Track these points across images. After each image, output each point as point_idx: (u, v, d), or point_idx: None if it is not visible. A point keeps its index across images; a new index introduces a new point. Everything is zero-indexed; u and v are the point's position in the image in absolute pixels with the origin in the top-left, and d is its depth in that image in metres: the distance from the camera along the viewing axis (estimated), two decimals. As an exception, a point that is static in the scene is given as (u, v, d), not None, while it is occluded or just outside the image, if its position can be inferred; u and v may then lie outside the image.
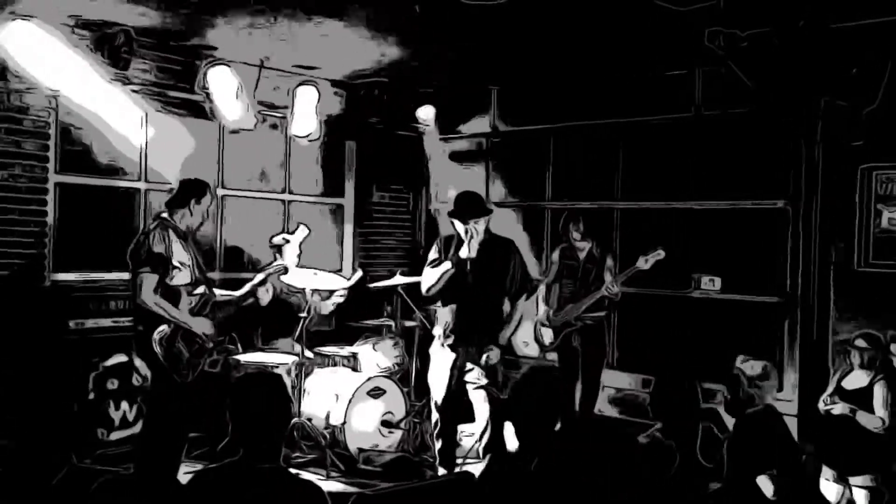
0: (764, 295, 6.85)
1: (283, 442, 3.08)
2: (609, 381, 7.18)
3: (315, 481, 3.13)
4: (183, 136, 6.92)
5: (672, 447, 3.70)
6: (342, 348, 6.98)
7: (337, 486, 5.68)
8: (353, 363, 6.81)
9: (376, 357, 6.89)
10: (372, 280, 7.28)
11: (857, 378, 5.40)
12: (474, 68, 7.43)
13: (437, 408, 5.47)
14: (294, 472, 3.17)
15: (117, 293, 6.39)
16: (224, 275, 7.28)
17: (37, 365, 5.86)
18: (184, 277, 4.88)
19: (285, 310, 6.66)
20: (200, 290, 4.97)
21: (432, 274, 5.43)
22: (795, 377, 6.56)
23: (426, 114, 8.30)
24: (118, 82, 6.20)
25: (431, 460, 5.86)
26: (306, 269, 6.54)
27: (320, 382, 6.41)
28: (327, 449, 6.01)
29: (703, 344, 7.12)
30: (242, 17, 5.83)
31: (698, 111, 7.04)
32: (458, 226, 5.39)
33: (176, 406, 4.88)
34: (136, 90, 6.49)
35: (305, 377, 6.32)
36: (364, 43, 6.45)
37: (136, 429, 5.99)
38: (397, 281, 6.91)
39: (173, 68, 6.77)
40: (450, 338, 5.41)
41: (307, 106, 7.33)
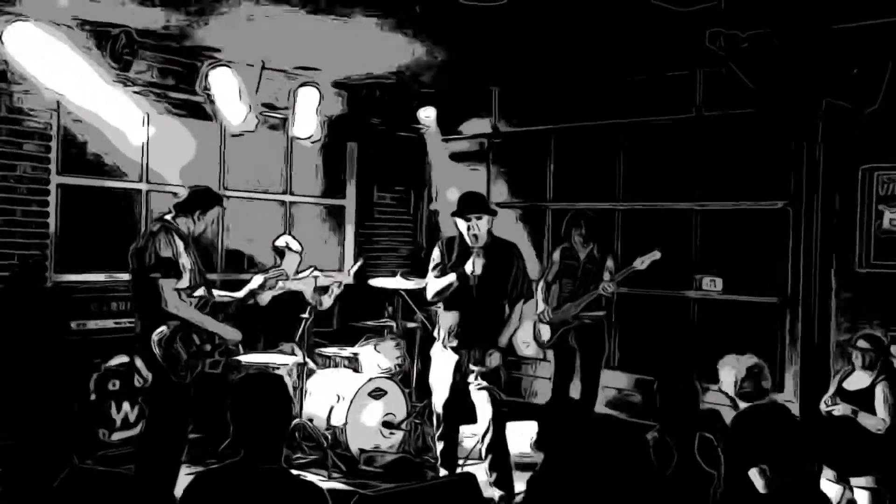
0: (765, 296, 6.86)
1: (284, 443, 3.07)
2: (606, 381, 7.18)
3: (316, 482, 3.13)
4: (184, 138, 6.93)
5: (671, 447, 3.69)
6: (343, 349, 6.98)
7: (338, 486, 5.69)
8: (354, 364, 6.82)
9: (377, 358, 6.88)
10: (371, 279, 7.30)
11: (859, 379, 5.40)
12: (475, 69, 7.43)
13: (440, 409, 5.47)
14: (295, 473, 3.17)
15: (119, 294, 6.38)
16: (224, 276, 7.29)
17: (38, 366, 5.86)
18: (184, 281, 4.88)
19: (287, 309, 6.67)
20: (200, 292, 4.97)
21: (437, 283, 5.43)
22: (796, 378, 6.56)
23: (427, 114, 8.31)
24: (119, 83, 6.20)
25: (433, 461, 5.86)
26: (307, 272, 6.56)
27: (322, 383, 6.41)
28: (329, 450, 6.01)
29: (704, 345, 7.12)
30: (243, 18, 5.83)
31: (699, 112, 7.05)
32: (461, 224, 5.39)
33: (176, 407, 4.87)
34: (138, 91, 6.50)
35: (307, 378, 6.33)
36: (365, 44, 6.45)
37: (138, 430, 5.99)
38: (397, 282, 6.90)
39: (175, 69, 6.78)
40: (453, 340, 5.41)
41: (308, 107, 7.33)
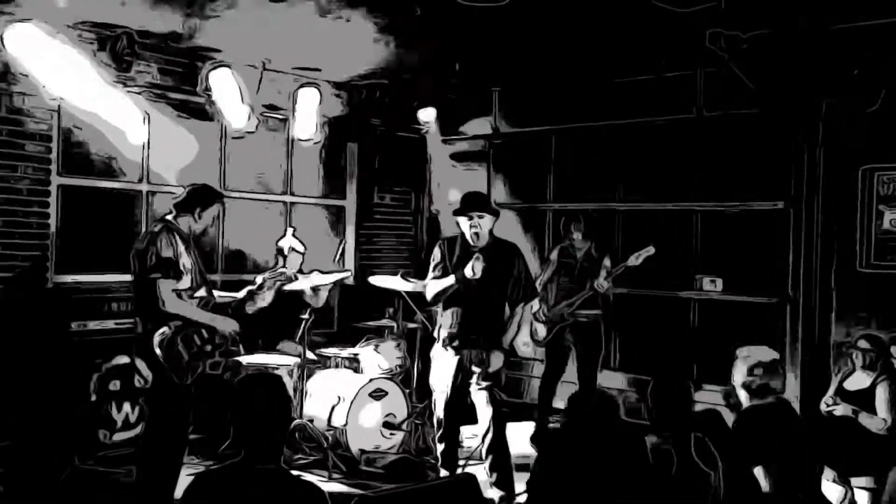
0: (765, 296, 6.86)
1: (284, 443, 3.08)
2: (606, 381, 7.19)
3: (317, 483, 3.13)
4: (185, 138, 6.93)
5: (670, 450, 3.69)
6: (344, 350, 6.98)
7: (339, 487, 5.69)
8: (354, 365, 6.82)
9: (378, 358, 6.89)
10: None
11: (859, 379, 5.40)
12: (476, 70, 7.42)
13: (441, 410, 5.46)
14: (296, 474, 3.17)
15: (119, 295, 6.39)
16: (225, 276, 7.29)
17: (39, 366, 5.86)
18: (185, 282, 4.88)
19: (287, 307, 6.68)
20: (201, 293, 4.97)
21: (436, 286, 5.43)
22: (797, 378, 6.56)
23: (427, 115, 8.30)
24: (120, 84, 6.21)
25: (433, 462, 5.86)
26: (307, 274, 6.56)
27: (322, 384, 6.41)
28: (329, 450, 6.01)
29: (704, 345, 7.13)
30: (244, 19, 5.83)
31: (700, 112, 7.05)
32: (463, 223, 5.38)
33: (177, 408, 4.87)
34: (138, 92, 6.50)
35: (307, 379, 6.33)
36: (365, 44, 6.45)
37: (139, 430, 5.99)
38: (397, 283, 6.90)
39: (175, 70, 6.78)
40: (454, 340, 5.40)
41: (309, 108, 7.33)
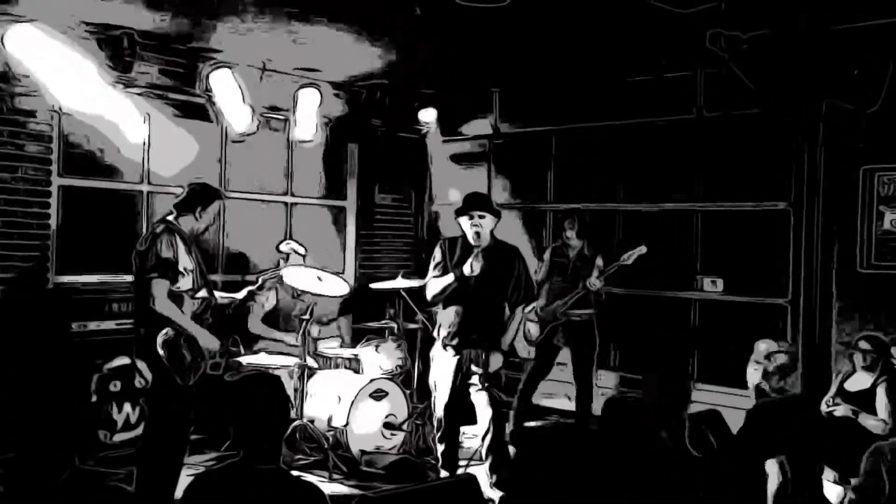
0: (766, 296, 6.85)
1: (283, 443, 3.08)
2: (605, 382, 7.19)
3: (317, 483, 3.13)
4: (185, 139, 6.93)
5: (671, 448, 3.68)
6: (344, 350, 6.98)
7: (339, 488, 5.69)
8: (355, 365, 6.82)
9: (378, 359, 6.89)
10: (372, 281, 7.31)
11: (860, 380, 5.40)
12: (476, 70, 7.43)
13: (440, 411, 5.46)
14: (296, 475, 3.17)
15: (120, 295, 6.38)
16: (226, 277, 7.30)
17: (39, 367, 5.86)
18: (186, 283, 4.88)
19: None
20: (202, 294, 4.97)
21: (437, 284, 5.42)
22: (798, 379, 6.54)
23: (428, 116, 8.31)
24: (121, 85, 6.21)
25: (434, 462, 5.85)
26: (310, 270, 6.55)
27: (322, 384, 6.41)
28: (330, 451, 6.01)
29: (705, 345, 7.13)
30: (244, 20, 5.83)
31: (700, 113, 7.05)
32: (464, 223, 5.38)
33: (178, 408, 4.87)
34: (139, 93, 6.51)
35: (308, 379, 6.33)
36: (366, 45, 6.45)
37: (139, 431, 5.98)
38: (398, 283, 6.91)
39: (176, 71, 6.77)
40: (453, 339, 5.40)
41: (309, 108, 7.33)
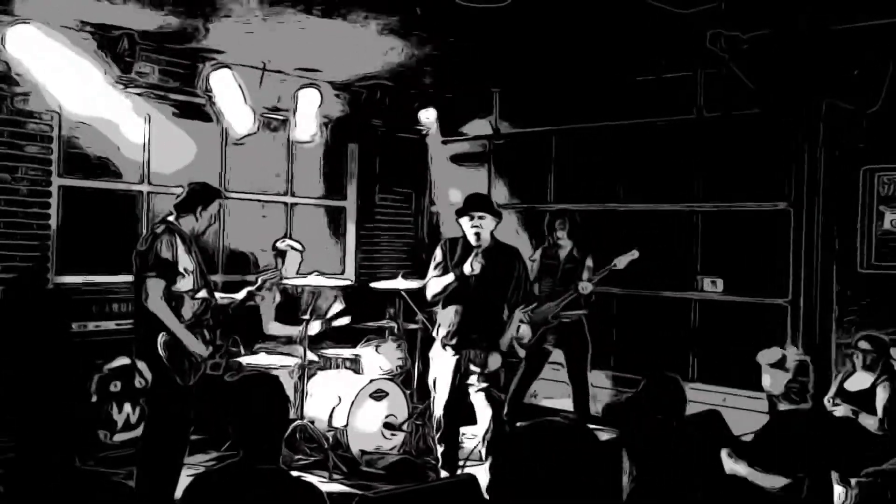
0: (766, 296, 6.85)
1: (282, 443, 3.08)
2: (604, 382, 7.20)
3: (317, 483, 3.13)
4: (185, 139, 6.93)
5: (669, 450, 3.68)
6: (344, 350, 6.98)
7: (339, 488, 5.69)
8: (355, 365, 6.82)
9: (379, 359, 6.89)
10: (372, 281, 7.31)
11: (860, 380, 5.40)
12: (476, 70, 7.43)
13: (440, 411, 5.46)
14: (296, 475, 3.17)
15: (120, 296, 6.39)
16: (226, 277, 7.30)
17: (40, 367, 5.87)
18: (187, 283, 4.88)
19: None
20: (202, 294, 4.97)
21: (437, 283, 5.43)
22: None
23: (428, 116, 8.31)
24: (121, 85, 6.21)
25: (434, 462, 5.85)
26: (310, 274, 6.58)
27: (323, 384, 6.41)
28: (330, 451, 6.01)
29: (705, 345, 7.13)
30: (244, 20, 5.83)
31: (700, 113, 7.05)
32: (465, 223, 5.38)
33: (178, 409, 4.87)
34: (139, 93, 6.51)
35: (308, 379, 6.33)
36: (366, 45, 6.45)
37: (139, 431, 5.99)
38: (398, 284, 6.91)
39: (176, 71, 6.78)
40: (452, 339, 5.41)
41: (309, 109, 7.33)
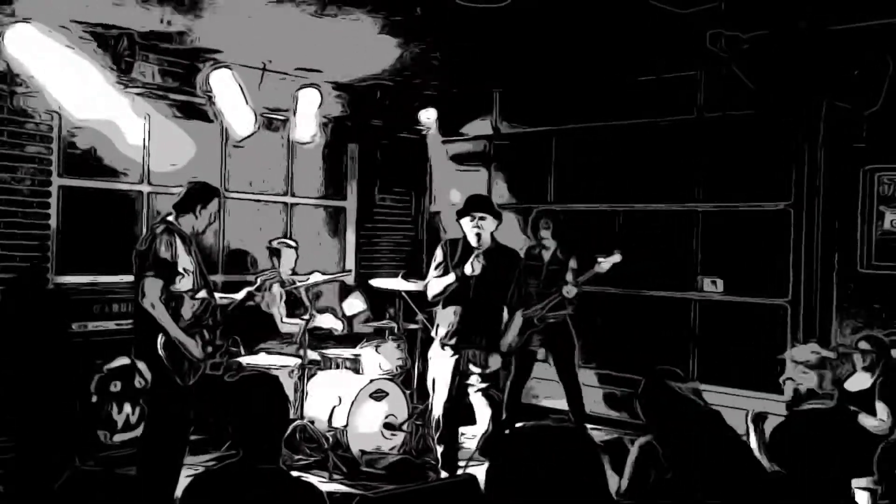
0: (766, 297, 6.85)
1: (282, 443, 3.08)
2: (603, 382, 7.21)
3: (317, 483, 3.13)
4: (185, 139, 6.93)
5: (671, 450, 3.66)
6: (345, 350, 6.98)
7: (339, 488, 5.69)
8: (355, 365, 6.82)
9: (379, 359, 6.89)
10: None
11: (860, 380, 5.39)
12: (476, 70, 7.43)
13: (439, 411, 5.46)
14: (296, 475, 3.17)
15: (120, 296, 6.39)
16: (226, 277, 7.30)
17: (40, 367, 5.86)
18: (187, 283, 4.88)
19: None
20: (202, 294, 4.97)
21: (438, 283, 5.44)
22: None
23: (428, 116, 8.31)
24: (121, 85, 6.21)
25: (434, 463, 5.86)
26: (312, 276, 6.59)
27: (323, 384, 6.41)
28: (330, 451, 6.01)
29: (705, 345, 7.13)
30: (244, 20, 5.84)
31: (700, 113, 7.05)
32: (465, 224, 5.39)
33: (178, 409, 4.87)
34: (139, 93, 6.51)
35: (308, 379, 6.33)
36: (366, 45, 6.45)
37: (139, 431, 5.99)
38: (398, 284, 6.90)
39: (176, 71, 6.78)
40: (452, 339, 5.41)
41: (309, 109, 7.33)
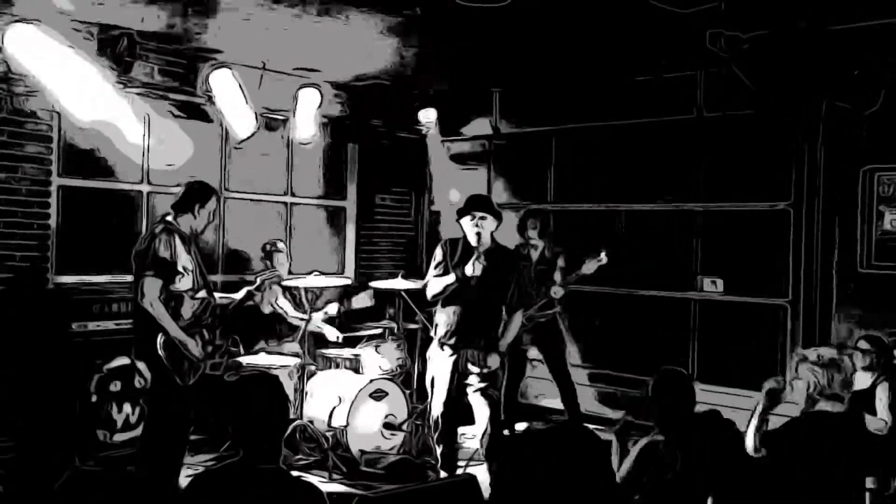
0: (766, 296, 6.85)
1: (282, 443, 3.08)
2: (604, 381, 7.22)
3: (317, 483, 3.12)
4: (185, 139, 6.93)
5: (673, 450, 3.67)
6: (344, 350, 6.98)
7: (339, 488, 5.69)
8: (355, 365, 6.82)
9: (378, 359, 6.89)
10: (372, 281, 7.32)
11: (860, 380, 5.38)
12: (476, 70, 7.43)
13: (438, 411, 5.46)
14: (296, 475, 3.17)
15: (120, 296, 6.38)
16: (226, 277, 7.30)
17: (39, 367, 5.86)
18: (186, 283, 4.87)
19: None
20: (202, 294, 4.97)
21: (438, 283, 5.43)
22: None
23: (428, 116, 8.31)
24: (121, 85, 6.20)
25: (434, 462, 5.85)
26: (309, 274, 6.59)
27: (323, 384, 6.41)
28: (329, 451, 6.01)
29: (705, 345, 7.13)
30: (244, 20, 5.83)
31: (700, 113, 7.05)
32: (466, 223, 5.38)
33: (178, 408, 4.87)
34: (139, 93, 6.51)
35: (308, 379, 6.33)
36: (366, 45, 6.45)
37: (139, 431, 5.99)
38: (398, 283, 6.90)
39: (176, 71, 6.78)
40: (451, 338, 5.41)
41: (309, 109, 7.33)
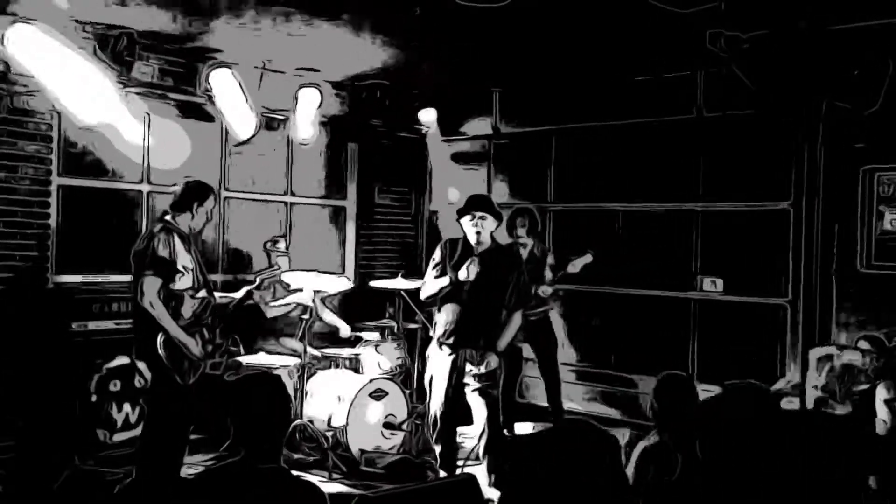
0: (766, 296, 6.85)
1: (283, 442, 3.08)
2: (603, 381, 7.23)
3: (317, 483, 3.13)
4: (185, 138, 6.93)
5: (672, 451, 3.67)
6: (344, 350, 6.98)
7: (339, 487, 5.69)
8: (355, 365, 6.82)
9: (378, 359, 6.89)
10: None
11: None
12: (476, 70, 7.43)
13: (436, 411, 5.46)
14: (296, 474, 3.17)
15: (120, 295, 6.39)
16: (225, 276, 7.30)
17: (39, 367, 5.87)
18: (186, 282, 4.88)
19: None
20: (202, 293, 4.98)
21: (433, 285, 5.44)
22: (798, 379, 6.55)
23: (428, 115, 8.31)
24: (121, 85, 6.20)
25: (433, 462, 5.86)
26: (307, 272, 6.58)
27: (322, 384, 6.41)
28: (329, 451, 6.01)
29: (705, 345, 7.13)
30: (244, 20, 5.83)
31: (700, 113, 7.05)
32: (466, 223, 5.39)
33: (177, 408, 4.88)
34: (139, 92, 6.51)
35: (308, 379, 6.33)
36: (366, 45, 6.45)
37: (139, 431, 5.98)
38: (398, 283, 6.91)
39: (176, 71, 6.77)
40: (450, 338, 5.41)
41: (309, 108, 7.33)
